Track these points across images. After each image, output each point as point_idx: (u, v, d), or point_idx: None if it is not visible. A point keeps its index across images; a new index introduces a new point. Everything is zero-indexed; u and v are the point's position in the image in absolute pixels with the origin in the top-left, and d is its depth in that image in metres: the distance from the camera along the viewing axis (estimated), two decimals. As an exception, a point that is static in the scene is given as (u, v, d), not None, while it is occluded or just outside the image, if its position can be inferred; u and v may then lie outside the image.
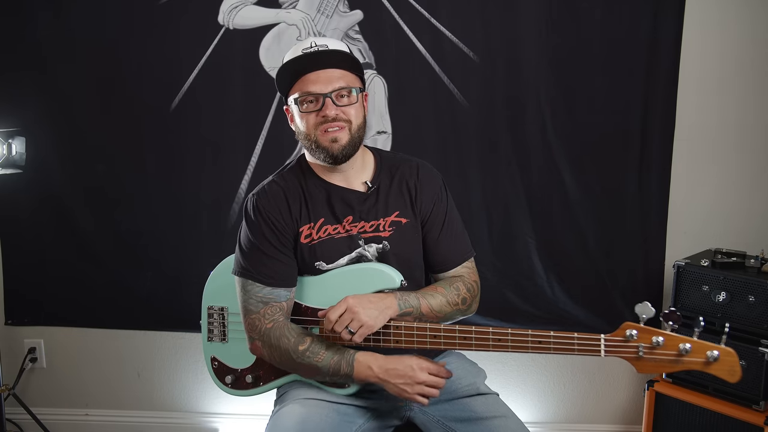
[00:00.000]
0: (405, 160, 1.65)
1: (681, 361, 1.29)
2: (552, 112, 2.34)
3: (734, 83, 2.33)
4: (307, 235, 1.55)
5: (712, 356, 1.26)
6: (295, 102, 1.50)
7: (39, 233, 2.53)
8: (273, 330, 1.51)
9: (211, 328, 1.71)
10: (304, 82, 1.48)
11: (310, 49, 1.48)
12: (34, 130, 2.40)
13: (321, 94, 1.47)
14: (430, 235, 1.61)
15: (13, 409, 2.54)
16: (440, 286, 1.57)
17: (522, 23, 2.30)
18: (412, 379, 1.46)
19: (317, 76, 1.47)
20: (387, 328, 1.47)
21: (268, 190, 1.57)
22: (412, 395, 1.46)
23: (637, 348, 1.31)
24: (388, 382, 1.47)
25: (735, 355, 1.27)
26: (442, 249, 1.61)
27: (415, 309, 1.50)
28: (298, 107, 1.50)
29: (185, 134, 2.43)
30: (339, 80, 1.48)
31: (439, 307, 1.53)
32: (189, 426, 2.66)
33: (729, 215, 2.40)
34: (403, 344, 1.47)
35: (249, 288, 1.53)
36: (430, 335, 1.45)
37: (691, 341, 1.28)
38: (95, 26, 2.38)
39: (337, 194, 1.57)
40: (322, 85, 1.47)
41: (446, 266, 1.62)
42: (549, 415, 2.59)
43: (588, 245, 2.41)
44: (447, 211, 1.62)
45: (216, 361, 1.70)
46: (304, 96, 1.48)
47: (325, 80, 1.47)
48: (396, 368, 1.46)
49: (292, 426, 1.42)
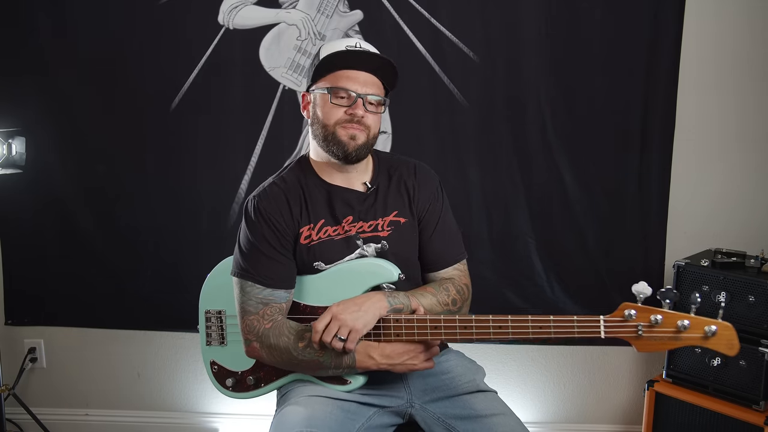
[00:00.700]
0: (403, 161, 1.66)
1: (680, 338, 1.30)
2: (552, 112, 2.35)
3: (734, 83, 2.33)
4: (306, 236, 1.55)
5: (710, 331, 1.28)
6: (328, 91, 1.51)
7: (39, 233, 2.53)
8: (272, 329, 1.51)
9: (209, 332, 1.70)
10: (341, 77, 1.50)
11: (354, 46, 1.50)
12: (34, 130, 2.40)
13: (356, 93, 1.49)
14: (424, 233, 1.62)
15: (13, 409, 2.55)
16: (430, 287, 1.59)
17: (522, 23, 2.30)
18: (415, 351, 1.49)
19: (356, 75, 1.50)
20: (386, 321, 1.48)
21: (269, 192, 1.57)
22: (422, 364, 1.49)
23: (637, 327, 1.33)
24: (394, 364, 1.48)
25: (732, 329, 1.28)
26: (434, 248, 1.62)
27: (405, 306, 1.50)
28: (329, 97, 1.50)
29: (185, 134, 2.43)
30: (373, 87, 1.52)
31: (430, 306, 1.53)
32: (189, 426, 2.66)
33: (729, 215, 2.40)
34: (403, 337, 1.48)
35: (248, 289, 1.53)
36: (431, 326, 1.46)
37: (689, 317, 1.29)
38: (96, 26, 2.38)
39: (338, 194, 1.57)
40: (359, 85, 1.50)
41: (437, 265, 1.63)
42: (549, 415, 2.59)
43: (588, 245, 2.42)
44: (441, 212, 1.64)
45: (216, 365, 1.69)
46: (337, 90, 1.50)
47: (362, 82, 1.50)
48: (395, 349, 1.48)
49: (299, 422, 1.41)
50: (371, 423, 1.54)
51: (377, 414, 1.56)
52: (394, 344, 1.49)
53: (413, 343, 1.49)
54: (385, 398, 1.57)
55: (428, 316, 1.48)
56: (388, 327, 1.48)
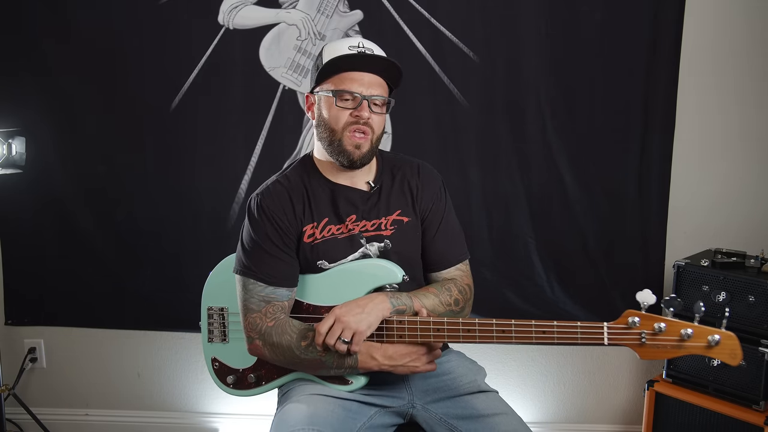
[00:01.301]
0: (406, 160, 1.67)
1: (683, 347, 1.31)
2: (552, 112, 2.34)
3: (734, 83, 2.33)
4: (310, 235, 1.55)
5: (713, 340, 1.28)
6: (333, 94, 1.50)
7: (39, 233, 2.53)
8: (275, 328, 1.51)
9: (211, 329, 1.71)
10: (346, 79, 1.50)
11: (357, 47, 1.50)
12: (34, 130, 2.40)
13: (361, 95, 1.49)
14: (427, 233, 1.62)
15: (13, 409, 2.55)
16: (432, 287, 1.58)
17: (522, 23, 2.30)
18: (417, 353, 1.49)
19: (361, 77, 1.50)
20: (390, 323, 1.48)
21: (272, 190, 1.57)
22: (424, 366, 1.49)
23: (640, 335, 1.33)
24: (396, 365, 1.48)
25: (736, 338, 1.28)
26: (437, 248, 1.62)
27: (408, 307, 1.50)
28: (335, 100, 1.50)
29: (185, 134, 2.43)
30: (378, 88, 1.52)
31: (432, 307, 1.53)
32: (189, 426, 2.66)
33: (729, 215, 2.40)
34: (406, 339, 1.48)
35: (251, 287, 1.53)
36: (434, 329, 1.46)
37: (693, 326, 1.30)
38: (96, 26, 2.38)
39: (342, 193, 1.58)
40: (364, 88, 1.49)
41: (440, 265, 1.63)
42: (549, 415, 2.59)
43: (588, 245, 2.42)
44: (444, 212, 1.64)
45: (217, 362, 1.70)
46: (342, 92, 1.49)
47: (367, 83, 1.50)
48: (398, 350, 1.48)
49: (301, 420, 1.41)
50: (372, 422, 1.54)
51: (378, 414, 1.56)
52: (396, 345, 1.48)
53: (416, 345, 1.49)
54: (386, 398, 1.57)
55: (431, 318, 1.48)
56: (391, 328, 1.48)
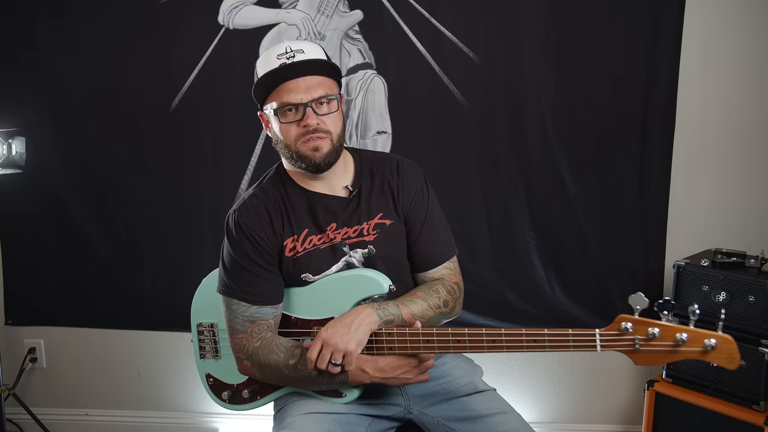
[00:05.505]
0: (386, 159, 1.60)
1: (678, 351, 1.25)
2: (552, 112, 2.34)
3: (734, 83, 2.33)
4: (291, 249, 1.51)
5: (709, 345, 1.22)
6: (275, 113, 1.44)
7: (39, 233, 2.53)
8: (261, 348, 1.48)
9: (202, 345, 1.68)
10: (282, 92, 1.42)
11: (285, 55, 1.42)
12: (34, 130, 2.40)
13: (301, 104, 1.41)
14: (411, 234, 1.56)
15: (13, 409, 2.55)
16: (420, 291, 1.54)
17: (522, 23, 2.30)
18: (408, 365, 1.45)
19: (296, 84, 1.41)
20: (379, 335, 1.44)
21: (249, 205, 1.52)
22: (416, 377, 1.46)
23: (633, 341, 1.28)
24: (388, 378, 1.45)
25: (733, 342, 1.22)
26: (422, 248, 1.57)
27: (396, 317, 1.46)
28: (278, 118, 1.44)
29: (185, 134, 2.43)
30: (318, 88, 1.42)
31: (422, 312, 1.49)
32: (189, 426, 2.66)
33: (729, 215, 2.39)
34: (396, 351, 1.44)
35: (234, 307, 1.50)
36: (424, 340, 1.42)
37: (688, 330, 1.24)
38: (96, 26, 2.38)
39: (319, 202, 1.52)
40: (302, 94, 1.41)
41: (426, 266, 1.58)
42: (549, 415, 2.59)
43: (588, 245, 2.41)
44: (428, 210, 1.57)
45: (211, 378, 1.68)
46: (283, 106, 1.42)
47: (304, 89, 1.41)
48: (389, 362, 1.45)
49: None
50: (371, 430, 1.54)
51: (376, 422, 1.55)
52: (387, 358, 1.45)
53: (407, 357, 1.45)
54: (382, 407, 1.56)
55: (421, 330, 1.43)
56: (380, 340, 1.44)
